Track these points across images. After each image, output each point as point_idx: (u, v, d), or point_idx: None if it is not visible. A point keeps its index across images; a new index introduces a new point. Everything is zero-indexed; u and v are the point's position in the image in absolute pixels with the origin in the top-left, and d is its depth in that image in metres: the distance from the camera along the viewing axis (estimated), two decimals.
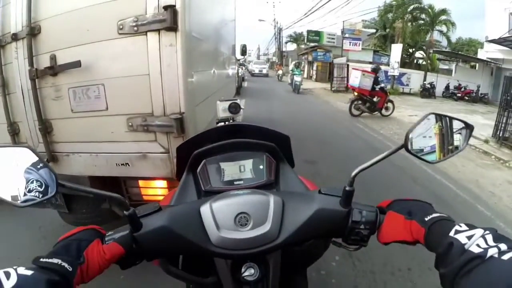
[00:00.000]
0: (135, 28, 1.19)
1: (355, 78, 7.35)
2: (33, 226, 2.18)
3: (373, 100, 7.37)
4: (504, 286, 0.32)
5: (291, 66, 12.69)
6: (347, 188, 0.52)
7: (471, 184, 3.57)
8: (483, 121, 7.73)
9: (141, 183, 1.46)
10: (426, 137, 0.52)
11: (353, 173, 0.51)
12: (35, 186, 0.45)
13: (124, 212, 0.47)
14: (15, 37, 1.32)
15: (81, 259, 0.42)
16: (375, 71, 7.42)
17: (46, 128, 1.37)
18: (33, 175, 0.45)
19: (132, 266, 0.51)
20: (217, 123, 1.11)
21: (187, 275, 0.60)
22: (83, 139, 1.36)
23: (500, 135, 5.47)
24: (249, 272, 0.56)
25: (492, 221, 2.69)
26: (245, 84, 14.69)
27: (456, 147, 0.53)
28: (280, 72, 17.99)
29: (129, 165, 1.34)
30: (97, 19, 1.23)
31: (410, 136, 0.50)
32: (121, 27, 1.20)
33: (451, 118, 0.53)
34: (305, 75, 22.67)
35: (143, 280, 1.69)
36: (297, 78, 12.00)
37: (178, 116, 1.21)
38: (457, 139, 0.53)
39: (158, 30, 1.17)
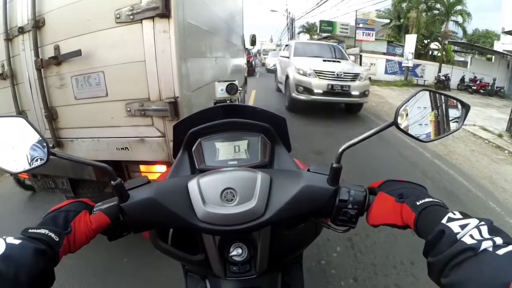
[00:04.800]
0: (131, 17, 1.24)
1: None
2: None
3: None
4: (498, 283, 0.28)
5: None
6: (334, 165, 0.50)
7: (484, 180, 3.44)
8: (498, 115, 7.43)
9: (142, 168, 1.52)
10: (418, 115, 0.49)
11: (340, 149, 0.49)
12: (29, 154, 0.47)
13: (111, 182, 0.48)
14: (21, 30, 1.40)
15: (68, 229, 0.43)
16: None
17: (51, 115, 1.45)
18: (27, 143, 0.47)
19: (119, 238, 0.52)
20: (215, 103, 1.12)
21: (175, 250, 0.60)
22: (86, 125, 1.43)
23: None
24: (236, 252, 0.56)
25: (502, 218, 2.60)
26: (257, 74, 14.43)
27: (451, 127, 0.50)
28: None
29: (128, 149, 1.40)
30: (96, 9, 1.29)
31: (401, 112, 0.47)
32: (118, 16, 1.25)
33: (446, 96, 0.50)
34: None
35: (145, 261, 1.77)
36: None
37: (172, 100, 1.26)
38: (453, 118, 0.50)
39: (152, 18, 1.22)
